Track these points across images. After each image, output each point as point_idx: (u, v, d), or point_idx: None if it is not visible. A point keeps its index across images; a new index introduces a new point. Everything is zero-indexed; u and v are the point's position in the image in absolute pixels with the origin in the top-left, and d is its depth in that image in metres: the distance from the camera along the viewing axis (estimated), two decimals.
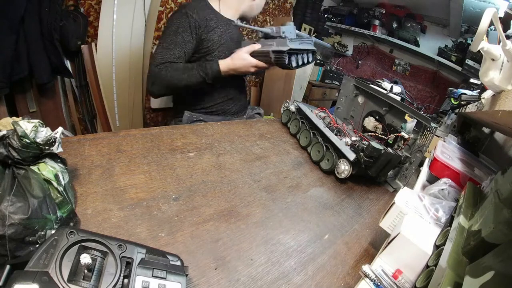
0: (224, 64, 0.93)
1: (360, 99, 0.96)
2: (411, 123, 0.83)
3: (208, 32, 0.98)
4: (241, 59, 0.92)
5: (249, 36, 1.19)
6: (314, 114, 0.89)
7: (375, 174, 0.71)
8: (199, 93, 1.06)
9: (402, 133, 0.79)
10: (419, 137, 0.74)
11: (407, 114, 0.82)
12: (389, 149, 0.70)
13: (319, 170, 0.77)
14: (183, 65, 0.94)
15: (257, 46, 0.93)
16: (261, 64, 0.93)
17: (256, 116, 1.27)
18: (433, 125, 0.69)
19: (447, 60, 2.34)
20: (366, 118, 0.92)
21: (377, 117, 0.89)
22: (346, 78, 1.00)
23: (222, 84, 1.06)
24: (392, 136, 0.83)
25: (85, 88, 1.76)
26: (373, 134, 0.88)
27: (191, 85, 0.94)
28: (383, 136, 0.85)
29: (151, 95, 1.05)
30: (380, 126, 0.88)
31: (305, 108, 0.92)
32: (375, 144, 0.68)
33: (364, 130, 0.92)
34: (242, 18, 1.13)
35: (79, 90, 1.80)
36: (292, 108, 0.97)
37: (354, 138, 0.79)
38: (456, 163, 0.67)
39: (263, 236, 0.48)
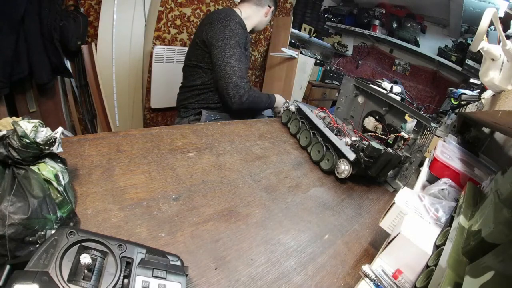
0: (277, 100, 1.22)
1: (360, 99, 0.96)
2: (411, 123, 0.83)
3: (248, 40, 1.15)
4: (281, 102, 1.21)
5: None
6: (314, 114, 0.89)
7: (375, 174, 0.71)
8: (214, 92, 1.14)
9: (402, 133, 0.79)
10: (419, 137, 0.74)
11: (407, 114, 0.82)
12: (389, 149, 0.70)
13: (319, 170, 0.77)
14: (259, 91, 1.18)
15: None
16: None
17: None
18: (433, 125, 0.69)
19: (447, 60, 2.34)
20: (366, 118, 0.92)
21: (377, 117, 0.89)
22: (346, 78, 1.00)
23: None
24: (392, 136, 0.83)
25: (85, 88, 1.76)
26: (373, 134, 0.88)
27: (260, 108, 1.21)
28: (383, 136, 0.85)
29: (238, 106, 1.06)
30: (380, 126, 0.88)
31: (305, 108, 0.92)
32: (375, 144, 0.68)
33: (364, 130, 0.92)
34: (252, 30, 1.27)
35: (79, 90, 1.80)
36: (292, 108, 0.97)
37: (354, 138, 0.79)
38: (456, 163, 0.67)
39: (263, 236, 0.48)
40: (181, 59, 1.78)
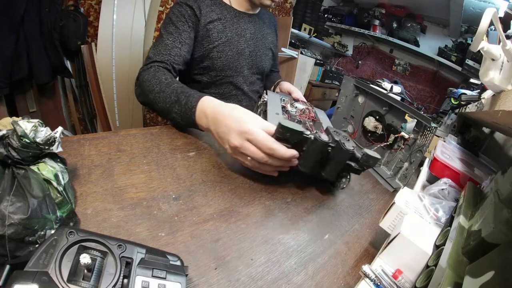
0: (207, 106, 0.59)
1: (360, 99, 0.96)
2: (411, 123, 0.83)
3: (206, 25, 0.84)
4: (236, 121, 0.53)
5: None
6: (278, 102, 0.75)
7: (304, 169, 0.56)
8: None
9: (402, 133, 0.79)
10: (419, 137, 0.74)
11: (407, 114, 0.82)
12: (322, 136, 0.53)
13: None
14: (164, 77, 0.71)
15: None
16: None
17: None
18: (433, 125, 0.69)
19: (447, 60, 2.34)
20: (366, 118, 0.92)
21: (377, 117, 0.89)
22: (346, 78, 1.00)
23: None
24: (392, 136, 0.83)
25: (85, 88, 1.77)
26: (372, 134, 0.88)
27: (157, 109, 0.69)
28: (386, 139, 0.85)
29: (135, 92, 0.78)
30: (380, 126, 0.88)
31: (273, 97, 0.78)
32: (290, 123, 0.50)
33: (364, 130, 0.92)
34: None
35: (79, 90, 1.80)
36: (266, 98, 0.77)
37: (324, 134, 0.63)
38: (456, 163, 0.67)
39: (263, 236, 0.48)
40: None
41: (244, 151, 0.52)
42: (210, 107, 0.58)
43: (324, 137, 0.53)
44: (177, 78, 0.85)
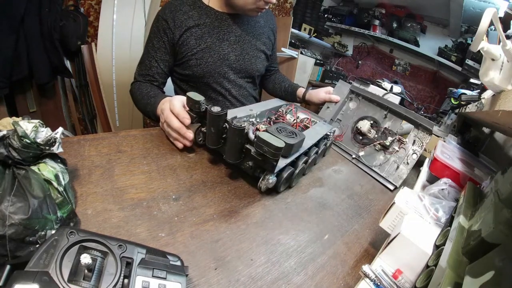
0: (164, 101, 0.69)
1: (352, 104, 0.93)
2: (407, 124, 0.83)
3: (182, 34, 0.83)
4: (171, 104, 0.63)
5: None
6: (270, 105, 0.76)
7: (208, 143, 0.57)
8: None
9: (399, 136, 0.79)
10: (416, 139, 0.73)
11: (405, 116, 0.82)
12: (215, 107, 0.51)
13: (319, 170, 0.77)
14: (149, 88, 0.84)
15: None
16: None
17: None
18: (434, 127, 0.69)
19: (447, 60, 2.34)
20: (361, 121, 0.90)
21: (372, 122, 0.88)
22: (342, 82, 0.96)
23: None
24: (389, 139, 0.83)
25: (85, 88, 1.77)
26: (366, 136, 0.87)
27: (143, 112, 0.84)
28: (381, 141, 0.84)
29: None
30: (373, 130, 0.86)
31: (273, 103, 0.80)
32: (195, 94, 0.55)
33: (357, 131, 0.91)
34: (233, 7, 0.85)
35: (79, 90, 1.80)
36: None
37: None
38: (456, 163, 0.67)
39: (263, 236, 0.48)
40: None
41: (166, 118, 0.63)
42: (164, 102, 0.69)
43: (216, 109, 0.51)
44: (164, 87, 0.95)
